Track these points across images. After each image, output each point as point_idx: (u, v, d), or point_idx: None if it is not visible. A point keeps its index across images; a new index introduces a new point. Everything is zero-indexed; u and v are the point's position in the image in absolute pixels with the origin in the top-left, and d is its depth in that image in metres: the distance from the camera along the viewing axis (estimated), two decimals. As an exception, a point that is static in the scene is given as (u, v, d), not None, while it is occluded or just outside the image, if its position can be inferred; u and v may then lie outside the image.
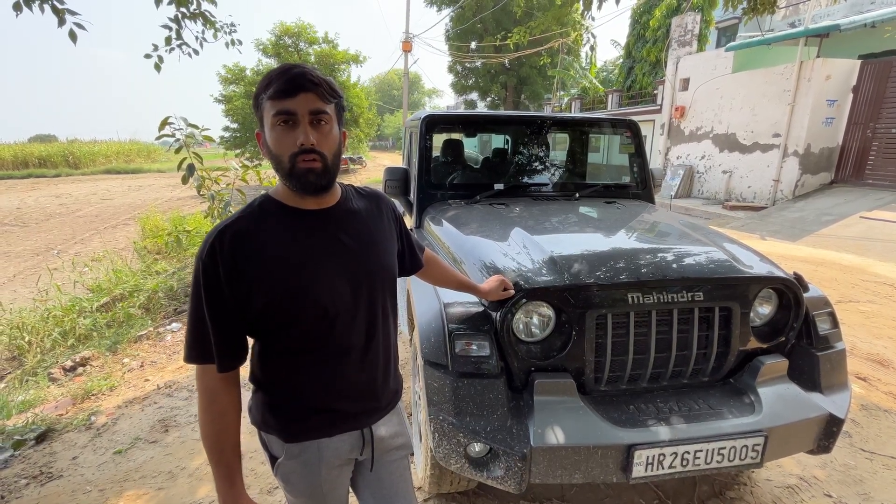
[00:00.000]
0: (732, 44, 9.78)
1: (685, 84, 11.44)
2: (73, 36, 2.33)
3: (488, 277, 1.63)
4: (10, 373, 3.70)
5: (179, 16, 2.76)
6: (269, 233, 0.88)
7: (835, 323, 1.74)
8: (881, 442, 2.27)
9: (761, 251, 1.85)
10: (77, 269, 5.60)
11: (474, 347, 1.47)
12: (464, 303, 1.57)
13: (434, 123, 2.73)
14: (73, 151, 28.97)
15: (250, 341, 0.94)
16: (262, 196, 0.94)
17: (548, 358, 1.50)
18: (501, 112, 3.21)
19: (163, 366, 3.43)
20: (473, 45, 23.45)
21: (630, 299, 1.50)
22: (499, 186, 2.63)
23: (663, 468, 1.39)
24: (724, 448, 1.41)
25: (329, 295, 0.91)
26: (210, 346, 0.87)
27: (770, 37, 9.42)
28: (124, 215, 11.87)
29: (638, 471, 1.37)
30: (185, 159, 3.49)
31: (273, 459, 0.99)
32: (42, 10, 2.28)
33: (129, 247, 7.67)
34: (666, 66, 12.09)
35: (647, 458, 1.37)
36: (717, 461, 1.41)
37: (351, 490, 1.10)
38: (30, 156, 27.52)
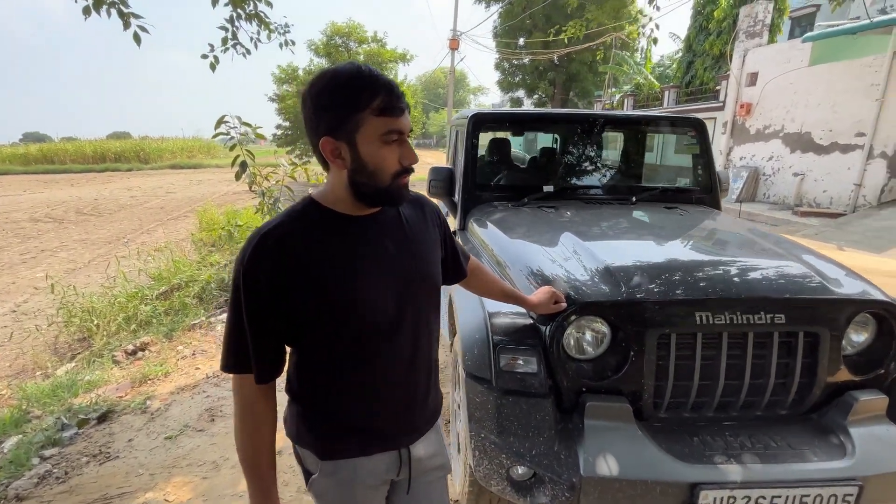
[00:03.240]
0: (811, 33, 8.92)
1: (753, 79, 10.60)
2: (137, 38, 2.48)
3: (534, 284, 1.53)
4: (80, 353, 4.01)
5: (235, 17, 2.86)
6: (313, 238, 0.83)
7: (949, 356, 1.48)
8: None
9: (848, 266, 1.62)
10: (141, 259, 6.00)
11: (521, 363, 1.37)
12: (510, 313, 1.47)
13: (482, 122, 2.63)
14: (144, 148, 31.35)
15: (288, 351, 0.90)
16: (306, 199, 0.88)
17: (602, 378, 1.38)
18: (554, 110, 3.07)
19: (212, 355, 3.58)
20: (521, 41, 23.00)
21: (698, 319, 1.34)
22: (548, 188, 2.50)
23: (733, 513, 1.23)
24: (809, 496, 1.22)
25: (373, 305, 0.85)
26: (248, 355, 0.83)
27: (856, 25, 8.50)
28: (185, 208, 12.66)
29: (703, 513, 1.22)
30: (238, 156, 3.61)
31: (307, 475, 0.94)
32: (109, 14, 2.43)
33: (187, 238, 8.15)
34: (731, 60, 11.26)
35: (715, 499, 1.21)
36: (800, 510, 1.23)
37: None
38: (107, 151, 30.05)
